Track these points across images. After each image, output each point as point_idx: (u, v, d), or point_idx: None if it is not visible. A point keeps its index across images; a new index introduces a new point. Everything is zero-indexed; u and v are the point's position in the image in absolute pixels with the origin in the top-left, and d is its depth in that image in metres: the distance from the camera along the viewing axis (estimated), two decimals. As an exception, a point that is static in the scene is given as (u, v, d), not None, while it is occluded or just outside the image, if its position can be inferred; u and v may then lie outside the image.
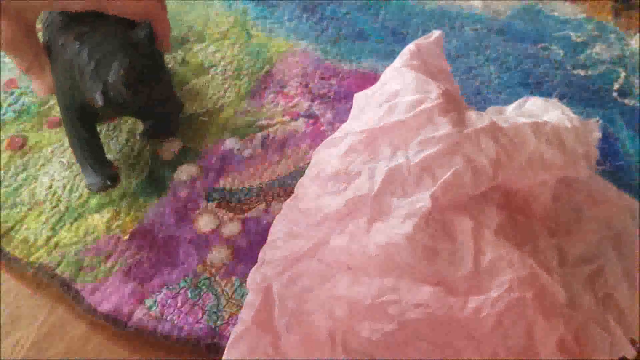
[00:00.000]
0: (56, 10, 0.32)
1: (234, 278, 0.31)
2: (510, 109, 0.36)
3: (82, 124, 0.32)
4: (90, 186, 0.33)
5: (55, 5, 0.30)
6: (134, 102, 0.29)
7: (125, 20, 0.32)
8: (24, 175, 0.35)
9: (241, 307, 0.29)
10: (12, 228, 0.33)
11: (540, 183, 0.29)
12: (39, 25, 0.33)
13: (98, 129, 0.38)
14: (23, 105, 0.39)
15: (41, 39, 0.34)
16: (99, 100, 0.28)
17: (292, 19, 0.46)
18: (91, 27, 0.30)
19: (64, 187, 0.35)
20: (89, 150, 0.33)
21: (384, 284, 0.25)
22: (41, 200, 0.34)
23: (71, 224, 0.33)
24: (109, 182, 0.33)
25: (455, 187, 0.26)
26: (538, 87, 0.41)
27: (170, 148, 0.37)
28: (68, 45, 0.30)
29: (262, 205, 0.34)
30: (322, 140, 0.31)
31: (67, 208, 0.34)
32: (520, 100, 0.36)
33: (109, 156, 0.36)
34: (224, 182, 0.35)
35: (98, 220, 0.33)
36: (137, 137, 0.36)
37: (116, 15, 0.31)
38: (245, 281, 0.29)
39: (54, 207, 0.34)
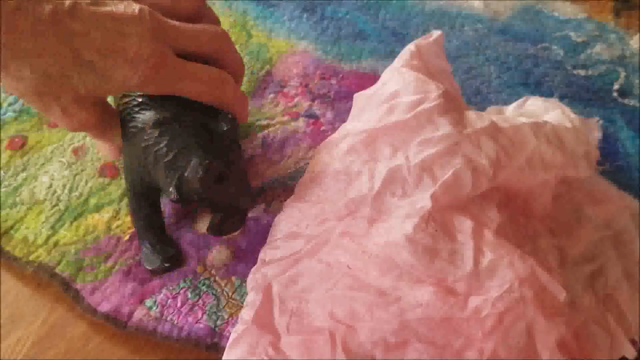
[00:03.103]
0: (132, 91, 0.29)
1: (234, 278, 0.31)
2: (510, 109, 0.36)
3: (146, 201, 0.31)
4: (146, 264, 0.31)
5: (131, 88, 0.27)
6: (208, 200, 0.28)
7: (206, 106, 0.30)
8: (24, 174, 0.35)
9: (241, 307, 0.29)
10: (11, 227, 0.33)
11: (541, 183, 0.29)
12: None
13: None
14: (23, 105, 0.39)
15: (113, 103, 0.32)
16: (171, 194, 0.27)
17: (292, 19, 0.46)
18: (172, 114, 0.28)
19: (64, 186, 0.35)
20: (150, 228, 0.32)
21: (384, 284, 0.25)
22: (41, 200, 0.34)
23: (71, 223, 0.33)
24: (166, 264, 0.31)
25: (455, 187, 0.26)
26: (538, 87, 0.41)
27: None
28: (146, 131, 0.28)
29: (262, 205, 0.34)
30: (322, 140, 0.31)
31: (67, 207, 0.34)
32: (520, 101, 0.36)
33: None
34: (224, 182, 0.35)
35: (98, 220, 0.33)
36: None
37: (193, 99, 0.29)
38: (245, 281, 0.29)
39: (54, 206, 0.34)
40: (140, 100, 0.29)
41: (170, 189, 0.27)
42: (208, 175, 0.26)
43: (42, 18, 0.23)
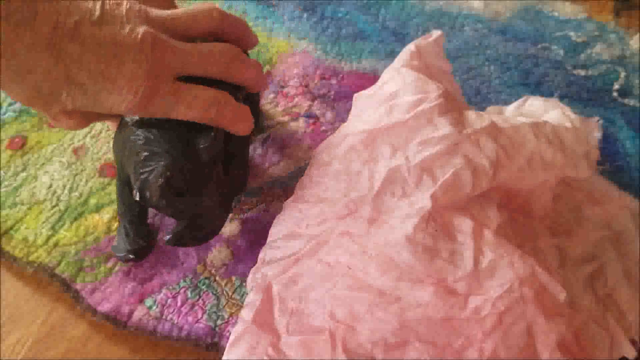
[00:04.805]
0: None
1: (234, 278, 0.31)
2: (510, 109, 0.36)
3: (130, 189, 0.30)
4: (114, 249, 0.32)
5: (120, 112, 0.27)
6: (167, 210, 0.28)
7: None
8: (24, 174, 0.35)
9: (241, 307, 0.29)
10: (11, 227, 0.33)
11: (541, 183, 0.29)
12: None
13: (99, 128, 0.38)
14: (23, 105, 0.39)
15: None
16: (133, 194, 0.27)
17: (292, 19, 0.46)
18: (157, 119, 0.28)
19: (64, 186, 0.35)
20: (128, 215, 0.31)
21: (384, 284, 0.25)
22: (41, 200, 0.34)
23: (71, 223, 0.33)
24: (131, 256, 0.31)
25: (455, 187, 0.26)
26: (538, 87, 0.41)
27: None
28: (129, 127, 0.28)
29: (262, 205, 0.34)
30: (322, 140, 0.31)
31: (67, 207, 0.34)
32: (520, 100, 0.36)
33: (109, 156, 0.36)
34: (224, 182, 0.35)
35: (98, 220, 0.33)
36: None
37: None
38: (246, 281, 0.29)
39: (54, 206, 0.34)
40: None
41: (134, 188, 0.27)
42: (167, 185, 0.26)
43: (41, 37, 0.23)
